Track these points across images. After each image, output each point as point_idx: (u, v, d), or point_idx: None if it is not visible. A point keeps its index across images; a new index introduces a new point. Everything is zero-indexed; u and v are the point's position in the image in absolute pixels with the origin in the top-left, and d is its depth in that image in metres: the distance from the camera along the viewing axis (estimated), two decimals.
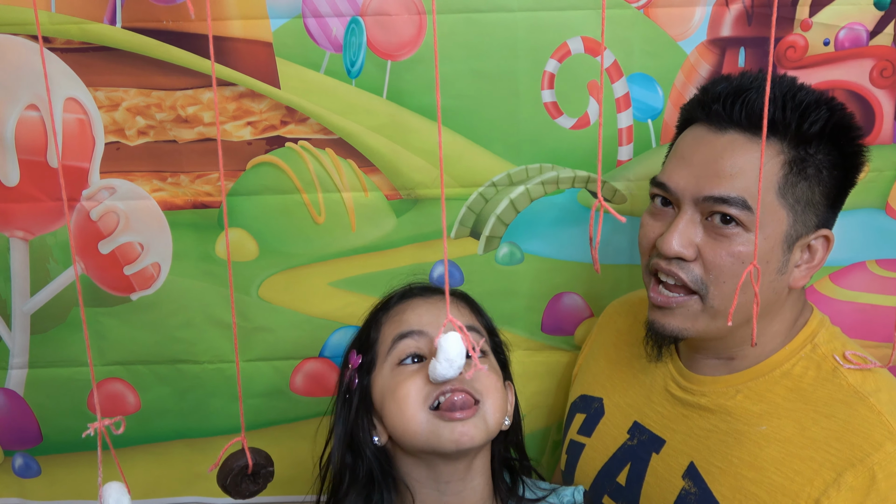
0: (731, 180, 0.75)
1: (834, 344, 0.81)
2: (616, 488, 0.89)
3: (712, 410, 0.82)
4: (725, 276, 0.76)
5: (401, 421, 0.73)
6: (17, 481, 1.16)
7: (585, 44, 0.99)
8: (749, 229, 0.75)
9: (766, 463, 0.76)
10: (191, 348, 1.09)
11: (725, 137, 0.76)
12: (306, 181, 1.03)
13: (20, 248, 1.05)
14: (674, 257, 0.77)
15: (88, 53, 0.99)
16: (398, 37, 0.98)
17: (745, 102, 0.75)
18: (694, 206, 0.77)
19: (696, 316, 0.79)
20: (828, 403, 0.76)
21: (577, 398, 1.00)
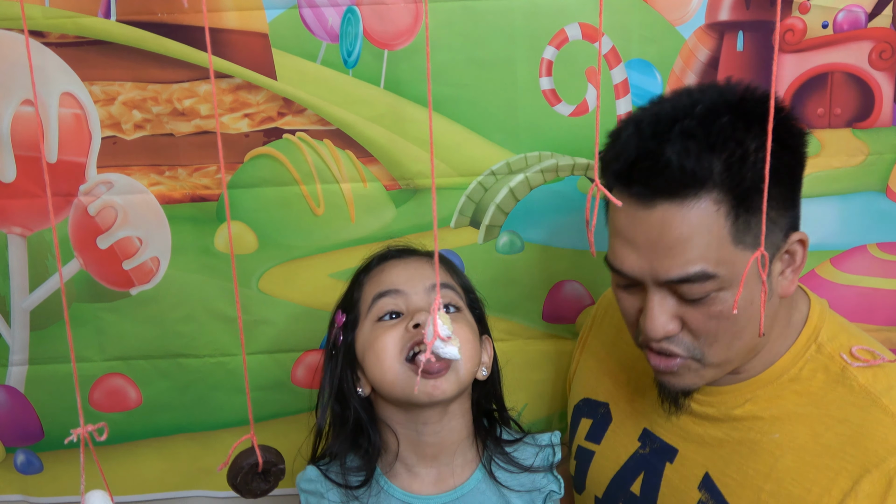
0: (681, 257, 0.69)
1: (839, 339, 0.78)
2: (630, 497, 0.87)
3: (722, 420, 0.80)
4: (715, 335, 0.73)
5: (379, 372, 0.79)
6: (19, 478, 1.16)
7: (583, 30, 0.99)
8: (722, 288, 0.70)
9: (783, 474, 0.74)
10: (191, 342, 1.09)
11: (657, 211, 0.69)
12: (305, 173, 1.03)
13: (18, 245, 1.05)
14: (662, 338, 0.74)
15: (83, 48, 0.98)
16: (395, 26, 0.98)
17: (661, 171, 0.68)
18: (657, 287, 0.73)
19: (700, 371, 0.76)
20: (840, 407, 0.74)
21: (580, 401, 0.98)
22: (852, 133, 1.02)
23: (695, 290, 0.70)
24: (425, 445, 0.82)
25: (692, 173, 0.67)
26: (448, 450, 0.83)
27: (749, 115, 0.68)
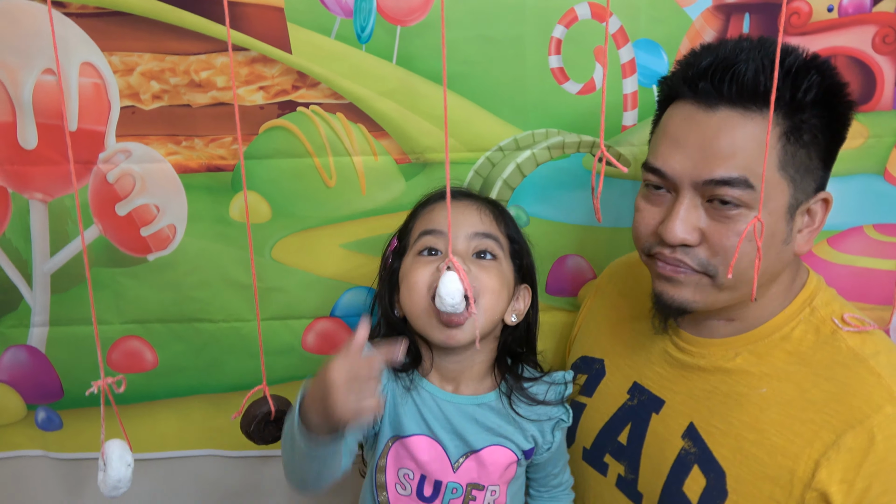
0: (730, 160, 0.72)
1: (832, 306, 0.80)
2: (618, 447, 0.90)
3: (711, 372, 0.82)
4: (732, 256, 0.73)
5: (409, 301, 0.84)
6: (39, 434, 1.17)
7: (592, 9, 0.98)
8: (751, 207, 0.72)
9: (767, 425, 0.76)
10: (206, 307, 1.10)
11: (718, 115, 0.73)
12: (318, 145, 1.03)
13: (40, 210, 1.06)
14: (678, 244, 0.75)
15: (103, 18, 0.98)
16: (408, 2, 0.98)
17: (735, 77, 0.71)
18: (694, 191, 0.74)
19: (706, 290, 0.77)
20: (828, 366, 0.76)
21: (577, 359, 1.01)
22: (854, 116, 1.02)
23: (733, 193, 0.72)
24: (446, 369, 0.87)
25: (764, 89, 0.70)
26: (466, 375, 0.87)
27: (822, 71, 0.73)
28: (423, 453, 0.83)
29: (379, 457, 0.85)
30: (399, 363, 0.78)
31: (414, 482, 0.85)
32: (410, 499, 0.85)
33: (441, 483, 0.84)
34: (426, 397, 0.85)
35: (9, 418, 1.16)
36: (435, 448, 0.84)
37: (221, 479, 1.21)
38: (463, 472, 0.84)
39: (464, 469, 0.84)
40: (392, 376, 0.86)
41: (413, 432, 0.84)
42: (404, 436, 0.84)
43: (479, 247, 0.85)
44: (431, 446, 0.84)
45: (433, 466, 0.83)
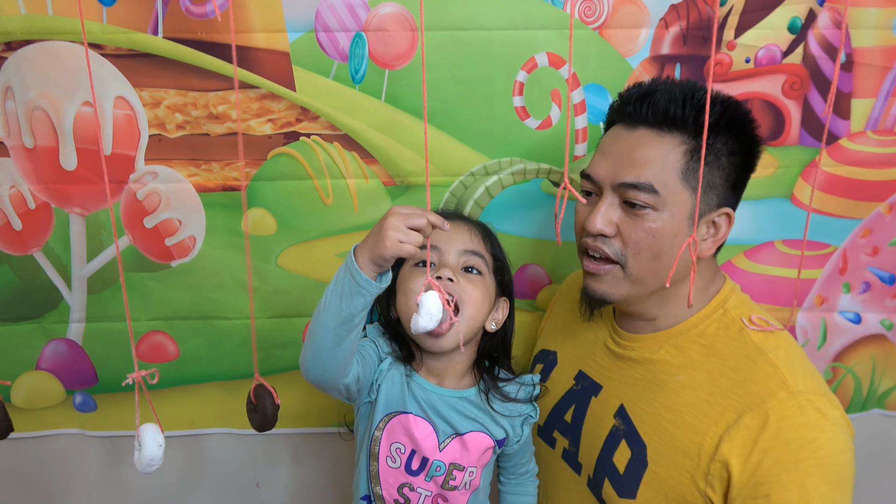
0: (641, 168, 0.75)
1: (742, 309, 0.81)
2: (564, 425, 0.91)
3: (640, 362, 0.83)
4: (641, 248, 0.76)
5: (403, 306, 0.83)
6: (77, 415, 1.16)
7: (550, 58, 0.99)
8: (657, 209, 0.75)
9: (682, 406, 0.77)
10: (221, 307, 1.09)
11: (636, 133, 0.77)
12: (317, 169, 1.03)
13: (78, 222, 1.05)
14: (597, 234, 0.78)
15: (135, 59, 0.98)
16: (395, 49, 0.98)
17: (651, 103, 0.75)
18: (612, 192, 0.77)
19: (619, 282, 0.79)
20: (734, 358, 0.77)
21: (538, 352, 1.02)
22: (766, 150, 1.03)
23: (640, 196, 0.75)
24: (432, 366, 0.86)
25: (673, 115, 0.74)
26: (449, 372, 0.86)
27: (727, 105, 0.76)
28: (419, 431, 0.83)
29: (375, 428, 0.84)
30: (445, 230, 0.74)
31: (404, 456, 0.84)
32: (398, 471, 0.84)
33: (428, 460, 0.83)
34: (416, 387, 0.84)
35: (50, 401, 1.15)
36: (427, 427, 0.83)
37: (233, 453, 1.20)
38: (447, 452, 0.83)
39: (448, 449, 0.83)
40: (395, 363, 0.85)
41: (412, 411, 0.83)
42: (405, 412, 0.83)
43: (468, 262, 0.84)
44: (424, 426, 0.83)
45: (425, 444, 0.83)
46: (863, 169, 1.04)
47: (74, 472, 1.19)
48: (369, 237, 0.71)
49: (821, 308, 1.13)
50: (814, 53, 1.00)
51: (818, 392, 0.73)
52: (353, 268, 0.70)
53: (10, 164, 1.02)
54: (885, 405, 1.19)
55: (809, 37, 0.99)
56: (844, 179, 1.05)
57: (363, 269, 0.70)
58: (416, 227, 0.70)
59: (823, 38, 0.99)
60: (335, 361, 0.74)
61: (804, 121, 1.03)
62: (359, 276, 0.70)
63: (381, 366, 0.84)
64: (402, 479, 0.84)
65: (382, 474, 0.84)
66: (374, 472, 0.84)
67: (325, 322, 0.72)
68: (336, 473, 1.22)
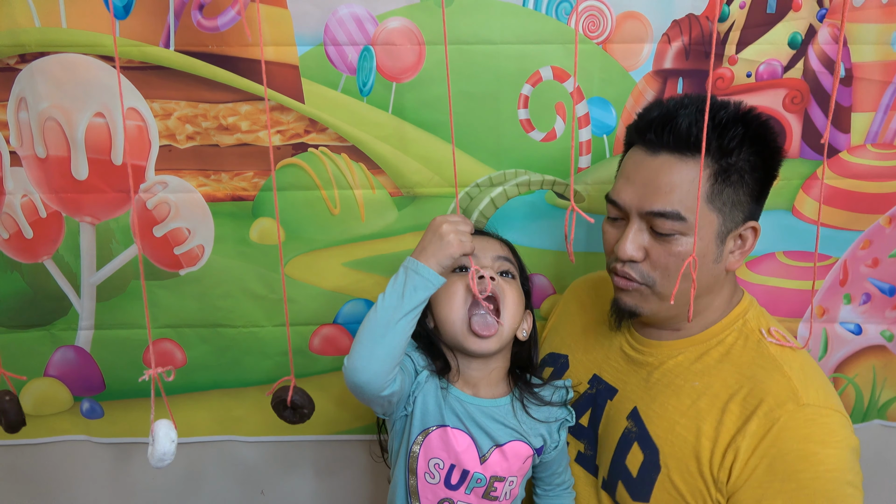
0: (667, 196, 0.74)
1: (760, 321, 0.82)
2: (578, 428, 0.90)
3: (657, 367, 0.83)
4: (670, 271, 0.77)
5: (446, 311, 0.83)
6: (84, 422, 1.17)
7: (554, 72, 1.01)
8: (685, 234, 0.75)
9: (696, 412, 0.77)
10: (228, 315, 1.10)
11: (659, 159, 0.76)
12: (325, 180, 1.04)
13: (88, 231, 1.06)
14: (627, 260, 0.78)
15: (146, 71, 0.99)
16: (402, 63, 0.99)
17: (672, 129, 0.74)
18: (640, 218, 0.77)
19: (647, 298, 0.80)
20: (750, 367, 0.77)
21: (545, 356, 1.01)
22: None
23: (667, 225, 0.75)
24: (469, 375, 0.86)
25: (696, 139, 0.73)
26: (485, 381, 0.86)
27: (748, 123, 0.76)
28: (458, 444, 0.82)
29: (413, 443, 0.83)
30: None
31: (443, 472, 0.82)
32: (438, 486, 0.83)
33: (468, 472, 0.82)
34: (453, 399, 0.83)
35: (58, 408, 1.15)
36: (466, 440, 0.82)
37: (239, 460, 1.20)
38: (489, 465, 0.82)
39: (491, 461, 0.82)
40: (430, 376, 0.84)
41: (450, 424, 0.82)
42: (443, 425, 0.82)
43: (502, 267, 0.86)
44: (464, 438, 0.82)
45: (465, 457, 0.82)
46: (863, 182, 1.05)
47: (80, 478, 1.20)
48: (428, 246, 0.75)
49: (822, 319, 1.14)
50: (814, 68, 1.01)
51: (829, 407, 0.73)
52: (417, 267, 0.74)
53: (22, 173, 1.03)
54: (886, 416, 1.20)
55: (810, 52, 1.01)
56: (845, 192, 1.06)
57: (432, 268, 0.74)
58: (466, 233, 0.75)
59: (823, 53, 1.01)
60: (388, 358, 0.75)
61: (805, 134, 1.04)
62: (426, 271, 0.74)
63: (417, 378, 0.83)
64: (442, 495, 0.83)
65: (421, 490, 0.83)
66: (412, 487, 0.83)
67: (382, 319, 0.74)
68: (342, 481, 1.23)
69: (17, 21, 0.96)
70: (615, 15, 0.98)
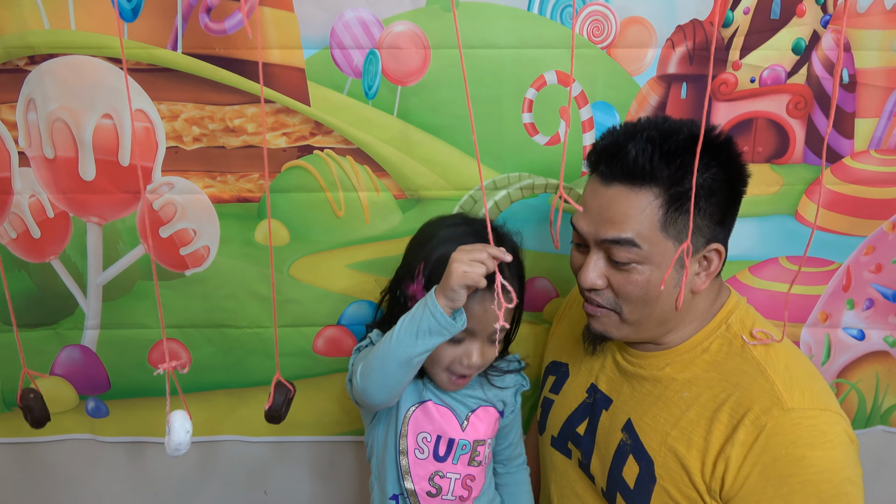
0: (620, 225, 0.75)
1: (745, 323, 0.82)
2: (576, 437, 0.91)
3: (647, 379, 0.84)
4: (632, 298, 0.78)
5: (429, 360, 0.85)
6: (89, 421, 1.17)
7: (558, 76, 1.01)
8: (642, 262, 0.75)
9: (686, 423, 0.78)
10: (233, 315, 1.10)
11: (612, 190, 0.76)
12: (330, 182, 1.04)
13: (95, 231, 1.07)
14: (590, 289, 0.79)
15: (154, 73, 1.00)
16: (407, 67, 1.00)
17: (620, 160, 0.74)
18: (597, 246, 0.78)
19: (617, 325, 0.81)
20: (735, 374, 0.77)
21: (549, 363, 1.02)
22: (770, 168, 1.05)
23: (622, 253, 0.75)
24: None
25: (643, 170, 0.73)
26: None
27: (707, 146, 0.72)
28: (440, 415, 0.89)
29: (401, 424, 0.89)
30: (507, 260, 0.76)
31: (431, 444, 0.88)
32: (427, 461, 0.88)
33: (454, 441, 0.89)
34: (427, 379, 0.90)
35: (63, 406, 1.16)
36: (446, 411, 0.90)
37: (243, 460, 1.21)
38: (470, 430, 0.90)
39: (470, 427, 0.90)
40: None
41: (431, 398, 0.89)
42: (425, 401, 0.89)
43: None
44: (444, 410, 0.89)
45: (448, 427, 0.89)
46: (866, 187, 1.06)
47: (85, 476, 1.21)
48: (443, 278, 0.75)
49: (825, 324, 1.14)
50: (817, 74, 1.02)
51: (815, 408, 0.73)
52: (432, 306, 0.74)
53: (30, 173, 1.04)
54: (889, 422, 1.20)
55: (813, 58, 1.01)
56: (848, 197, 1.06)
57: (442, 307, 0.74)
58: (478, 260, 0.74)
59: (827, 59, 1.01)
60: (400, 387, 0.81)
61: (808, 140, 1.04)
62: (439, 314, 0.74)
63: None
64: (433, 468, 0.89)
65: (413, 468, 0.88)
66: (404, 467, 0.88)
67: (397, 355, 0.77)
68: (344, 482, 1.23)
69: (27, 23, 0.97)
70: (619, 20, 0.99)
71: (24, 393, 0.88)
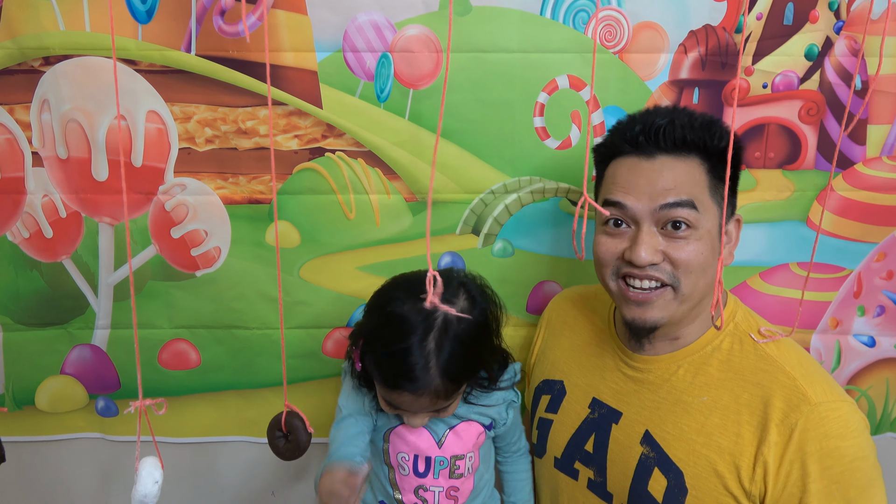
0: (676, 189, 0.76)
1: (749, 321, 0.83)
2: (585, 455, 0.89)
3: (659, 385, 0.82)
4: (692, 267, 0.76)
5: None
6: (98, 419, 1.18)
7: (570, 80, 1.01)
8: (697, 227, 0.76)
9: (712, 429, 0.77)
10: (243, 316, 1.10)
11: (658, 161, 0.78)
12: (341, 184, 1.05)
13: (107, 232, 1.07)
14: (646, 265, 0.77)
15: (167, 75, 1.00)
16: (419, 70, 1.00)
17: (665, 132, 0.77)
18: (650, 219, 0.77)
19: (669, 303, 0.78)
20: (753, 372, 0.77)
21: (539, 383, 0.99)
22: (782, 173, 1.05)
23: (682, 213, 0.76)
24: None
25: (691, 140, 0.78)
26: None
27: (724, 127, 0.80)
28: (415, 436, 0.89)
29: (382, 443, 0.91)
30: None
31: (409, 463, 0.90)
32: (410, 477, 0.90)
33: (431, 458, 0.89)
34: None
35: (73, 405, 1.16)
36: (422, 431, 0.89)
37: (251, 461, 1.21)
38: (447, 447, 0.90)
39: (447, 444, 0.89)
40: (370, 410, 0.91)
41: (401, 422, 0.89)
42: (396, 426, 0.90)
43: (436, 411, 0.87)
44: (417, 430, 0.89)
45: (424, 446, 0.89)
46: (878, 194, 1.05)
47: (94, 475, 1.21)
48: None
49: (835, 331, 1.13)
50: (830, 80, 1.01)
51: (837, 399, 0.74)
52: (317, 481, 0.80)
53: (43, 173, 1.05)
54: None
55: (826, 64, 1.01)
56: (860, 204, 1.06)
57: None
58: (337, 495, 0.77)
59: (840, 65, 1.01)
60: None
61: (820, 146, 1.04)
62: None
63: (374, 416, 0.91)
64: (416, 483, 0.90)
65: (400, 482, 0.91)
66: (392, 480, 0.91)
67: None
68: None
69: (42, 24, 0.98)
70: (632, 25, 0.99)
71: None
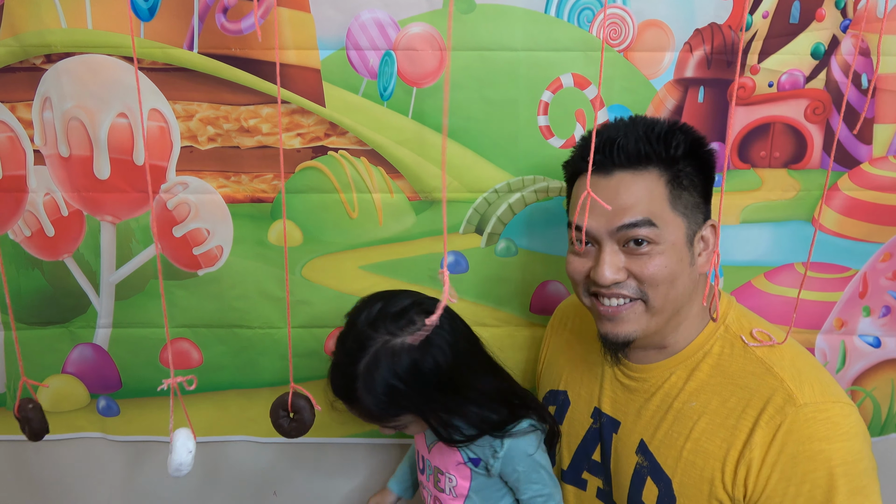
0: (633, 208, 0.74)
1: (742, 323, 0.81)
2: (593, 464, 0.89)
3: (654, 393, 0.82)
4: (658, 280, 0.76)
5: None
6: (100, 419, 1.18)
7: (575, 79, 1.01)
8: (658, 242, 0.75)
9: (699, 434, 0.77)
10: (245, 316, 1.10)
11: (614, 178, 0.76)
12: (344, 183, 1.05)
13: (109, 230, 1.07)
14: (610, 284, 0.77)
15: (170, 73, 1.00)
16: (423, 68, 1.00)
17: (620, 147, 0.75)
18: (611, 239, 0.76)
19: (641, 317, 0.78)
20: (741, 375, 0.77)
21: (546, 394, 0.99)
22: (787, 173, 1.04)
23: (640, 232, 0.75)
24: None
25: (645, 153, 0.75)
26: None
27: (686, 133, 0.78)
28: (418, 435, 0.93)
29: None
30: None
31: (419, 457, 0.94)
32: (422, 474, 0.95)
33: (424, 458, 0.92)
34: None
35: (75, 405, 1.16)
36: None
37: (252, 461, 1.21)
38: (433, 455, 0.91)
39: (433, 453, 0.90)
40: None
41: None
42: None
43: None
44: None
45: (419, 442, 0.93)
46: (884, 193, 1.05)
47: (95, 475, 1.21)
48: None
49: (840, 331, 1.13)
50: (836, 79, 1.01)
51: (828, 400, 0.72)
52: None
53: (45, 172, 1.04)
54: None
55: (832, 62, 1.00)
56: (866, 203, 1.05)
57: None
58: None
59: (846, 63, 1.00)
60: None
61: (826, 145, 1.03)
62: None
63: None
64: (421, 477, 0.95)
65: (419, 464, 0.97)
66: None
67: None
68: (354, 483, 1.23)
69: (44, 21, 0.97)
70: (637, 23, 0.98)
71: (22, 403, 0.84)
